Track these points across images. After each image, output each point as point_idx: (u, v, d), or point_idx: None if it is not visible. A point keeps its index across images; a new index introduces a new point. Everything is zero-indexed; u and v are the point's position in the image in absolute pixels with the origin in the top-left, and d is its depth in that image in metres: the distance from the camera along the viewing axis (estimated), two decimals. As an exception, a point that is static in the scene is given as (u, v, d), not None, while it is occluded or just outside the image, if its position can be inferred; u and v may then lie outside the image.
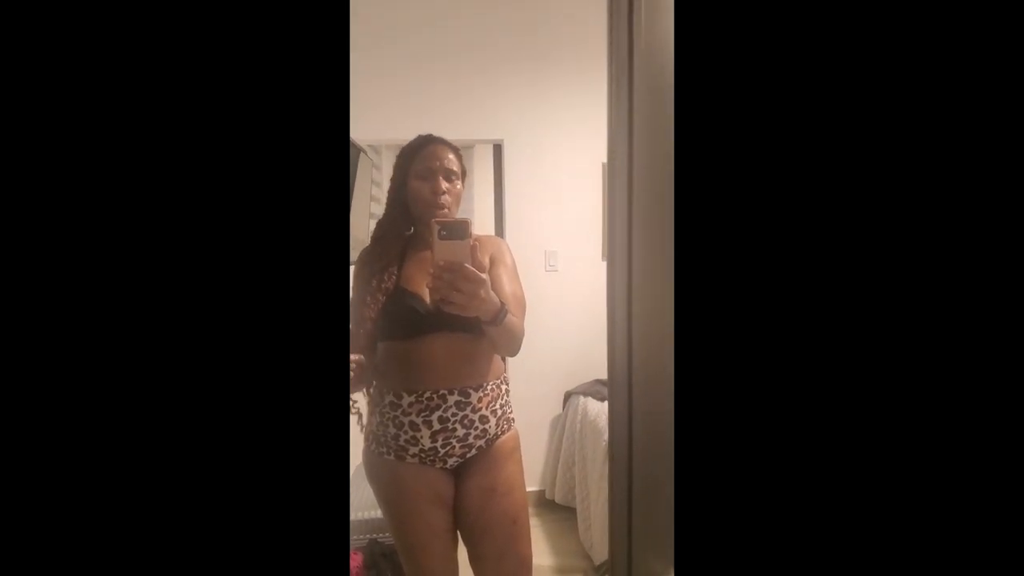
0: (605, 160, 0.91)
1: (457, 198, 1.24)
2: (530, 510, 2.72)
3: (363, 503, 2.07)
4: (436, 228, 0.95)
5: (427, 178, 1.20)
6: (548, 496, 2.73)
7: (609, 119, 0.65)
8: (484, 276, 0.96)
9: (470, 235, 0.95)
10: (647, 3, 0.61)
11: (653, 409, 0.67)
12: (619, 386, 0.67)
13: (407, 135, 1.29)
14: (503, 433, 1.25)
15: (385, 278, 1.18)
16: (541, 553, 2.39)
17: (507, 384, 1.30)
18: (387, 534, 1.92)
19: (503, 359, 1.30)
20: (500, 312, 1.05)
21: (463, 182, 1.26)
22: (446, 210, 1.19)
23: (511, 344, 1.17)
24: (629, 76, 0.60)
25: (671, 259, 0.68)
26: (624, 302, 0.65)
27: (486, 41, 2.58)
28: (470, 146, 3.03)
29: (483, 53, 2.58)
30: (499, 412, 1.24)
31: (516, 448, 1.28)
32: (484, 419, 1.21)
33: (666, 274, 0.69)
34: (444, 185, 1.20)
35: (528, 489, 2.74)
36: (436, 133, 1.26)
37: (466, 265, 0.94)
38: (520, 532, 1.25)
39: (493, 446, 1.23)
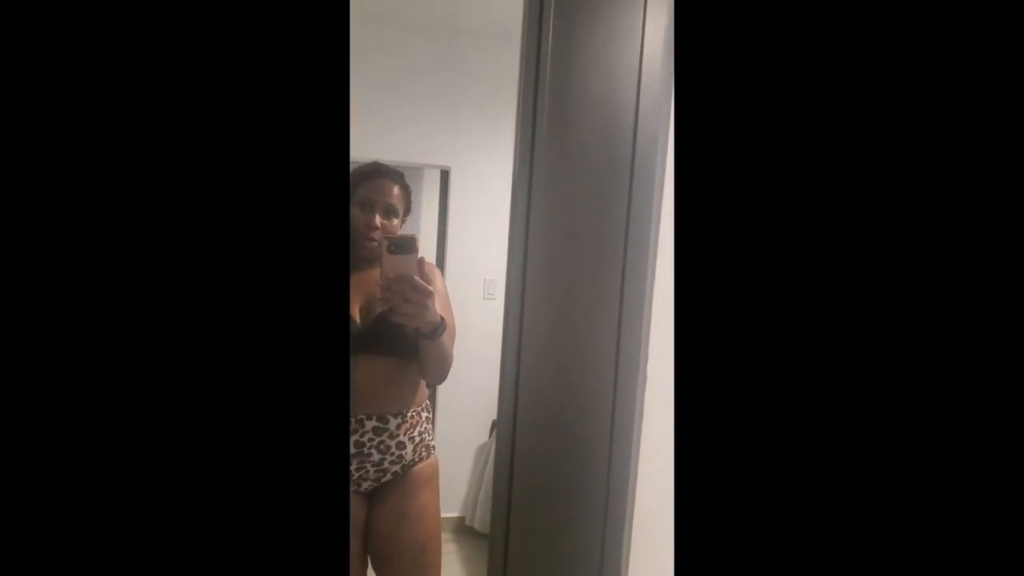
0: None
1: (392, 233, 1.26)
2: (449, 536, 2.72)
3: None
4: (385, 243, 1.02)
5: (365, 209, 1.22)
6: (468, 523, 2.73)
7: (515, 156, 0.71)
8: (431, 288, 1.03)
9: (417, 250, 1.03)
10: (553, 52, 0.67)
11: (538, 447, 0.71)
12: (505, 419, 0.71)
13: (358, 154, 1.32)
14: (420, 460, 1.27)
15: None
16: (456, 580, 2.38)
17: (428, 412, 1.31)
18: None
19: (428, 387, 1.32)
20: (440, 326, 1.10)
21: (404, 219, 1.29)
22: (375, 243, 1.21)
23: (441, 366, 1.19)
24: (533, 119, 0.66)
25: (561, 294, 0.72)
26: (515, 333, 0.70)
27: (440, 69, 2.62)
28: (419, 169, 3.06)
29: (436, 80, 2.62)
30: (417, 439, 1.26)
31: (433, 476, 1.29)
32: (401, 445, 1.23)
33: (557, 308, 0.74)
34: (379, 220, 1.22)
35: (449, 515, 2.75)
36: (386, 154, 1.29)
37: (415, 277, 1.01)
38: (429, 561, 1.25)
39: (409, 472, 1.25)
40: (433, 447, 1.31)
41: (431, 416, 1.32)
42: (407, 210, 1.29)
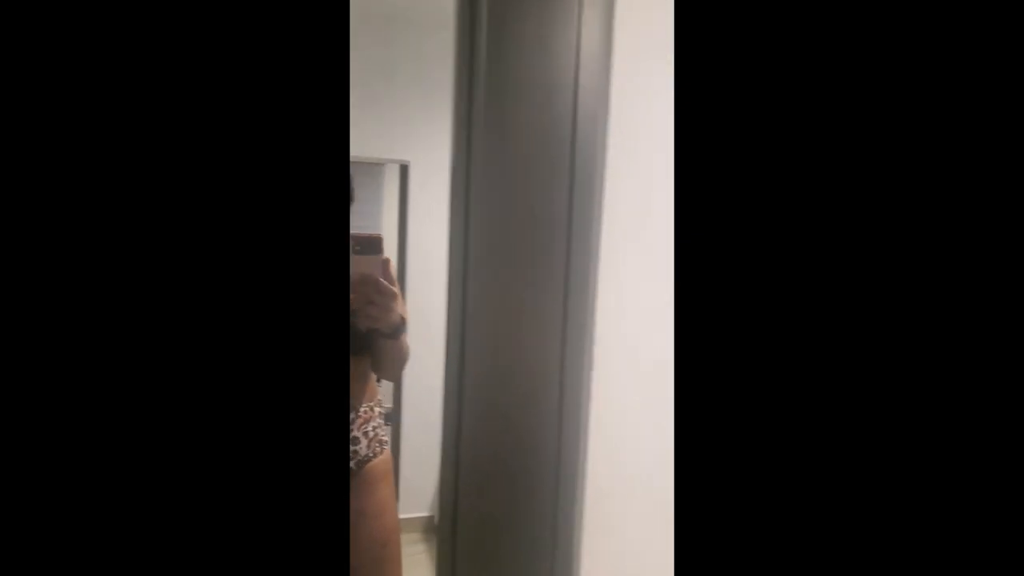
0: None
1: None
2: (419, 535, 2.70)
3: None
4: (351, 244, 0.99)
5: None
6: (437, 522, 2.71)
7: (452, 152, 0.70)
8: (396, 290, 1.01)
9: (382, 251, 1.00)
10: (488, 35, 0.66)
11: (485, 434, 0.70)
12: (451, 406, 0.69)
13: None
14: (375, 456, 1.24)
15: None
16: (424, 579, 2.36)
17: (380, 407, 1.30)
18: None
19: (378, 382, 1.30)
20: (401, 325, 1.09)
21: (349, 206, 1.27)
22: None
23: (398, 363, 1.18)
24: (468, 115, 0.65)
25: (503, 277, 0.71)
26: (458, 317, 0.69)
27: (394, 60, 2.59)
28: (380, 164, 3.02)
29: (396, 74, 2.59)
30: (371, 434, 1.24)
31: (388, 472, 1.27)
32: (355, 440, 1.20)
33: (500, 293, 0.73)
34: None
35: (418, 515, 2.72)
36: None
37: (380, 279, 0.99)
38: (390, 556, 1.24)
39: (364, 469, 1.22)
40: (386, 442, 1.29)
41: (384, 412, 1.30)
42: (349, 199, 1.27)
